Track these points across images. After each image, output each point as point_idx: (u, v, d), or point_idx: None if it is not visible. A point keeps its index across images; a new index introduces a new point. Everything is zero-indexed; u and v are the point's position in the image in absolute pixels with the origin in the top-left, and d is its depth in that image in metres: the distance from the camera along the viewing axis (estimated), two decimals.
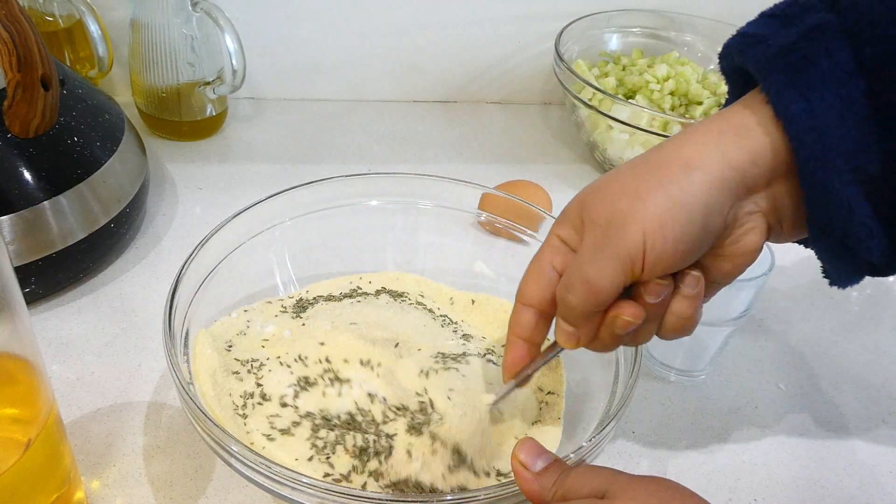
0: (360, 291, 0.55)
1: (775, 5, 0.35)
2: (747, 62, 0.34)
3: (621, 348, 0.47)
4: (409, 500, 0.39)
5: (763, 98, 0.33)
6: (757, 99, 0.34)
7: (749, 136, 0.33)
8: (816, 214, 0.33)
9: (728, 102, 0.37)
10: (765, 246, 0.51)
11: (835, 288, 0.38)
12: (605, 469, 0.34)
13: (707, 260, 0.37)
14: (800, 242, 0.39)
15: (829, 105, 0.31)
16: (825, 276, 0.37)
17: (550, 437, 0.46)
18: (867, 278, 0.37)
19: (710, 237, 0.35)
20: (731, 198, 0.34)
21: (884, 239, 0.33)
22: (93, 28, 0.72)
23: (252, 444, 0.42)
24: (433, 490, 0.40)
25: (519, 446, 0.36)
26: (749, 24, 0.36)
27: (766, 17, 0.35)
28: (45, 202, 0.53)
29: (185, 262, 0.47)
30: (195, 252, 0.48)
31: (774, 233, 0.36)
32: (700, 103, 0.78)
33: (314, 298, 0.54)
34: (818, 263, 0.38)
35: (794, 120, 0.31)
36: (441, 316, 0.54)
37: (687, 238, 0.33)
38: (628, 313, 0.35)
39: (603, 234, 0.34)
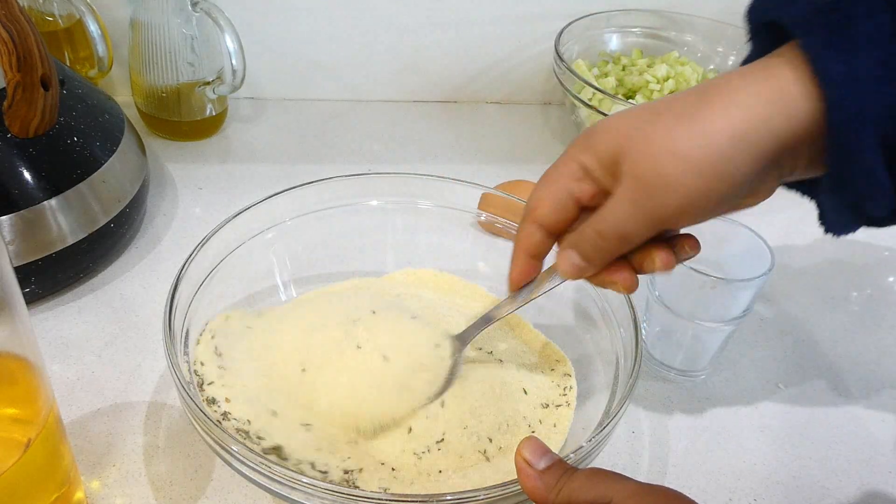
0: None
1: None
2: (784, 17, 0.33)
3: (621, 349, 0.47)
4: (409, 499, 0.39)
5: (801, 56, 0.32)
6: (793, 57, 0.33)
7: (789, 99, 0.32)
8: (835, 173, 0.33)
9: (749, 59, 0.36)
10: (765, 246, 0.52)
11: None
12: (610, 474, 0.34)
13: None
14: (791, 188, 0.38)
15: (866, 69, 0.30)
16: (822, 224, 0.36)
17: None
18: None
19: (742, 201, 0.36)
20: (771, 167, 0.34)
21: (893, 197, 0.33)
22: (93, 28, 0.72)
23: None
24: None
25: (524, 444, 0.36)
26: None
27: None
28: (45, 202, 0.53)
29: (185, 262, 0.47)
30: (195, 252, 0.48)
31: (781, 180, 0.37)
32: None
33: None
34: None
35: (832, 82, 0.31)
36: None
37: (725, 206, 0.35)
38: (661, 261, 0.37)
39: (645, 193, 0.34)
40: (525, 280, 0.42)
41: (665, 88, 0.78)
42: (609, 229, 0.36)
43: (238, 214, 0.51)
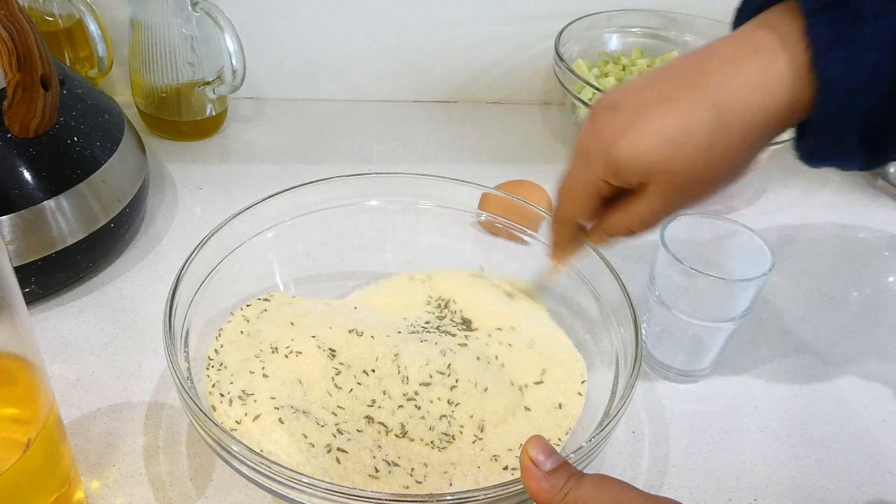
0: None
1: None
2: None
3: (621, 349, 0.47)
4: (410, 499, 0.39)
5: (802, 42, 0.33)
6: (793, 38, 0.34)
7: (783, 85, 0.34)
8: (815, 144, 0.35)
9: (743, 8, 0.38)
10: (765, 246, 0.52)
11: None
12: (618, 483, 0.34)
13: None
14: None
15: (864, 70, 0.32)
16: (797, 153, 0.38)
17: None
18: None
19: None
20: (765, 142, 0.37)
21: (865, 161, 0.36)
22: (93, 28, 0.72)
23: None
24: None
25: (530, 443, 0.36)
26: None
27: None
28: (45, 202, 0.53)
29: (185, 262, 0.47)
30: (195, 252, 0.48)
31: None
32: None
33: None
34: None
35: (833, 84, 0.32)
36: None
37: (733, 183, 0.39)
38: None
39: (671, 206, 0.39)
40: (572, 256, 0.48)
41: None
42: (637, 225, 0.41)
43: (238, 214, 0.51)
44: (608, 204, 0.42)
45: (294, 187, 0.54)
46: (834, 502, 0.49)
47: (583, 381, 0.50)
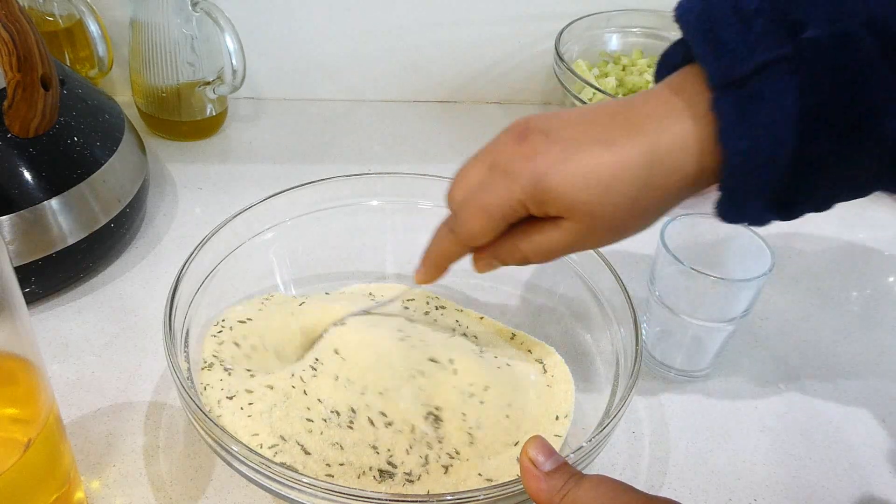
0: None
1: (741, 6, 0.34)
2: (703, 60, 0.34)
3: (621, 349, 0.47)
4: (410, 499, 0.39)
5: (709, 115, 0.34)
6: (704, 112, 0.34)
7: (694, 153, 0.35)
8: (723, 209, 0.36)
9: (665, 59, 0.38)
10: (765, 246, 0.52)
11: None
12: (618, 484, 0.34)
13: None
14: None
15: (768, 146, 0.33)
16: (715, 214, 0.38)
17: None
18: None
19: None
20: (679, 197, 0.37)
21: (778, 219, 0.36)
22: (93, 28, 0.72)
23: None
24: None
25: (530, 443, 0.36)
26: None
27: (734, 13, 0.34)
28: (45, 202, 0.53)
29: (185, 262, 0.47)
30: (195, 252, 0.48)
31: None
32: None
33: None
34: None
35: (735, 155, 0.33)
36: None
37: (646, 227, 0.39)
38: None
39: (580, 243, 0.39)
40: (432, 282, 0.45)
41: None
42: (540, 253, 0.40)
43: (238, 214, 0.51)
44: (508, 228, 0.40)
45: (294, 187, 0.54)
46: (834, 502, 0.49)
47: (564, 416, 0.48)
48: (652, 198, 0.36)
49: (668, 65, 0.38)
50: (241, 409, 0.44)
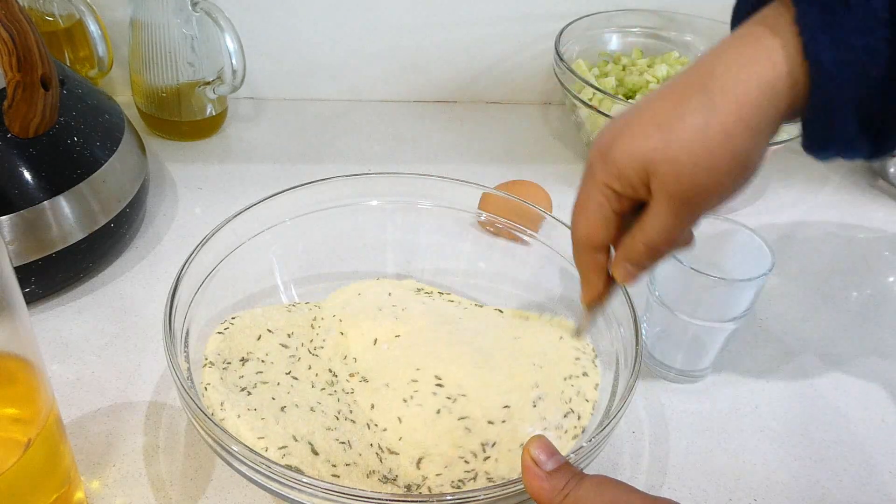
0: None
1: None
2: None
3: (621, 349, 0.47)
4: (410, 499, 0.39)
5: (793, 30, 0.33)
6: (786, 25, 0.33)
7: (779, 66, 0.33)
8: (813, 135, 0.35)
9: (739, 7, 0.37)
10: (765, 246, 0.52)
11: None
12: (619, 484, 0.34)
13: None
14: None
15: (856, 56, 0.31)
16: (802, 145, 0.37)
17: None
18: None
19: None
20: (769, 136, 0.36)
21: (870, 148, 0.34)
22: (93, 28, 0.72)
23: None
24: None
25: (532, 442, 0.36)
26: None
27: None
28: (45, 202, 0.53)
29: (185, 262, 0.47)
30: (195, 252, 0.48)
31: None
32: None
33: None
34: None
35: (822, 68, 0.32)
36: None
37: (747, 182, 0.38)
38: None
39: (682, 203, 0.37)
40: (604, 297, 0.44)
41: None
42: (656, 239, 0.39)
43: (238, 214, 0.51)
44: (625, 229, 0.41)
45: (294, 187, 0.54)
46: (834, 502, 0.49)
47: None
48: (723, 122, 0.34)
49: (742, 13, 0.37)
50: (248, 410, 0.44)
